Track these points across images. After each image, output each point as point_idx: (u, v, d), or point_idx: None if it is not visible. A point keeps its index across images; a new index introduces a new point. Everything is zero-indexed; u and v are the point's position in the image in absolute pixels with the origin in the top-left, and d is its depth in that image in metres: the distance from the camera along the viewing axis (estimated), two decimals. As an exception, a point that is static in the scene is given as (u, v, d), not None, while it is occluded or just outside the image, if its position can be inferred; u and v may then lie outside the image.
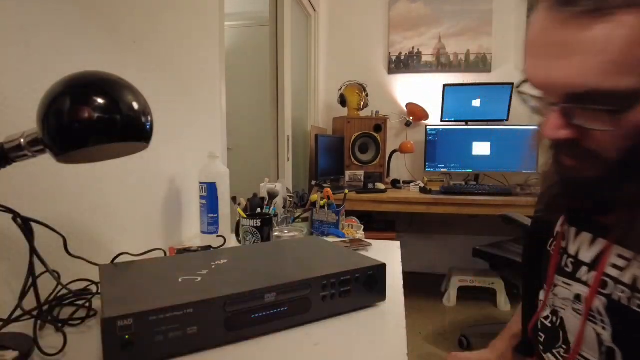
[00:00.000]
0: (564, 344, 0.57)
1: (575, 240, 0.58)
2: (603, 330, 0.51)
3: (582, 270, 0.55)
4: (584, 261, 0.55)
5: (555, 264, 0.60)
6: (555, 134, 0.45)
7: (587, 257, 0.55)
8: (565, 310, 0.57)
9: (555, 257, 0.60)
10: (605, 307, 0.51)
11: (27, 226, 0.56)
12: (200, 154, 1.25)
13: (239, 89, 3.10)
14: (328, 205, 1.24)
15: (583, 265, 0.55)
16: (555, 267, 0.60)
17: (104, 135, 0.47)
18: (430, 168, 2.86)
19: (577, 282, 0.56)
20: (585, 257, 0.55)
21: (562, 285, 0.58)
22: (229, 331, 0.56)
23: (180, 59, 1.13)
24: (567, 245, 0.59)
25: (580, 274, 0.55)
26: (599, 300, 0.51)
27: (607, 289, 0.51)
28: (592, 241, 0.55)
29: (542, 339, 0.61)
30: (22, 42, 0.64)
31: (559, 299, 0.59)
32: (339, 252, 0.79)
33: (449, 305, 2.68)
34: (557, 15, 0.41)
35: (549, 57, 0.42)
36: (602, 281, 0.51)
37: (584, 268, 0.55)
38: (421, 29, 3.07)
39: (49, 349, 0.53)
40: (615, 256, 0.51)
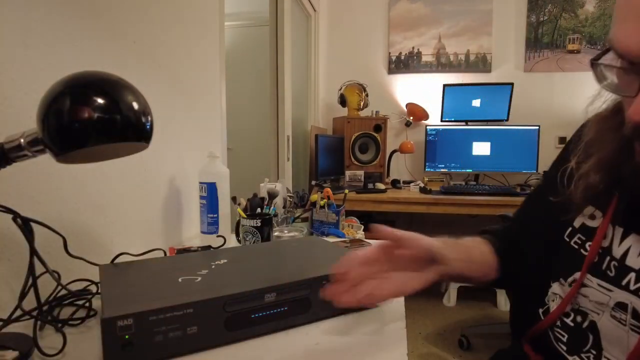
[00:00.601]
0: (594, 348, 0.52)
1: (623, 242, 0.51)
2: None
3: (630, 277, 0.49)
4: (633, 267, 0.49)
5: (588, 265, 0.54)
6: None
7: (637, 264, 0.49)
8: (600, 315, 0.52)
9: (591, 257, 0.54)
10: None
11: (27, 226, 0.56)
12: (200, 154, 1.25)
13: (239, 89, 3.10)
14: (328, 205, 1.24)
15: (631, 271, 0.49)
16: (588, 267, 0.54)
17: (104, 135, 0.47)
18: (430, 168, 2.86)
19: (623, 290, 0.50)
20: (634, 263, 0.49)
21: (597, 288, 0.53)
22: (229, 331, 0.56)
23: (180, 59, 1.13)
24: (611, 246, 0.52)
25: (627, 282, 0.49)
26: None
27: None
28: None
29: (565, 339, 0.56)
30: (22, 42, 0.64)
31: (590, 302, 0.53)
32: (339, 252, 0.79)
33: (449, 305, 2.68)
34: None
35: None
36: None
37: (632, 274, 0.49)
38: (421, 29, 3.07)
39: (49, 349, 0.53)
40: None
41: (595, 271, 0.53)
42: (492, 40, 2.97)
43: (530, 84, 2.94)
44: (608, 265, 0.52)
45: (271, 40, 2.16)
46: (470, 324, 2.43)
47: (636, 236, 0.50)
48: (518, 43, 2.95)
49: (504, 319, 2.52)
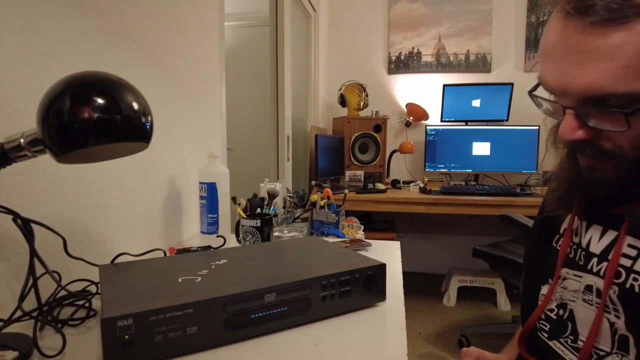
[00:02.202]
0: (572, 334, 0.58)
1: (586, 234, 0.59)
2: (616, 318, 0.52)
3: (592, 261, 0.57)
4: (595, 253, 0.56)
5: (563, 258, 0.61)
6: (572, 135, 0.47)
7: (598, 249, 0.56)
8: (575, 302, 0.58)
9: (564, 251, 0.61)
10: (618, 295, 0.52)
11: (28, 227, 0.56)
12: (200, 154, 1.25)
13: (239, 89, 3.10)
14: (328, 206, 1.24)
15: (594, 256, 0.56)
16: (563, 260, 0.61)
17: (104, 135, 0.47)
18: (430, 168, 2.86)
19: (588, 273, 0.57)
20: (595, 248, 0.57)
21: (572, 277, 0.59)
22: (229, 331, 0.56)
23: (180, 59, 1.13)
24: (580, 240, 0.60)
25: (591, 265, 0.57)
26: (611, 289, 0.53)
27: (620, 278, 0.52)
28: (603, 233, 0.56)
29: (547, 328, 0.62)
30: (22, 42, 0.64)
31: (569, 292, 0.60)
32: (339, 252, 0.79)
33: (449, 305, 2.68)
34: (574, 23, 0.43)
35: (567, 63, 0.44)
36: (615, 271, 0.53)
37: (594, 259, 0.56)
38: (421, 29, 3.07)
39: (49, 350, 0.53)
40: (627, 246, 0.52)
41: (571, 264, 0.60)
42: (492, 40, 2.97)
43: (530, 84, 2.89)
44: (579, 256, 0.59)
45: (271, 40, 2.16)
46: (470, 324, 2.43)
47: (596, 226, 0.58)
48: (518, 43, 2.95)
49: (504, 319, 2.52)
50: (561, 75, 0.45)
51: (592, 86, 0.43)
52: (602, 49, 0.41)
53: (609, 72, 0.42)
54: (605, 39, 0.41)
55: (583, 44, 0.43)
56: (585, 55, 0.43)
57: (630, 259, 0.51)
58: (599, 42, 0.41)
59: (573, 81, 0.44)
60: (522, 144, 2.74)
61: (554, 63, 0.46)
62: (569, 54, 0.44)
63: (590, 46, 0.42)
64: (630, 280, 0.51)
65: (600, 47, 0.42)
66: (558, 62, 0.46)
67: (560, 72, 0.46)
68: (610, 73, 0.42)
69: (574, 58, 0.44)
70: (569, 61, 0.44)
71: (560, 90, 0.47)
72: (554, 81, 0.47)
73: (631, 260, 0.51)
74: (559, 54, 0.45)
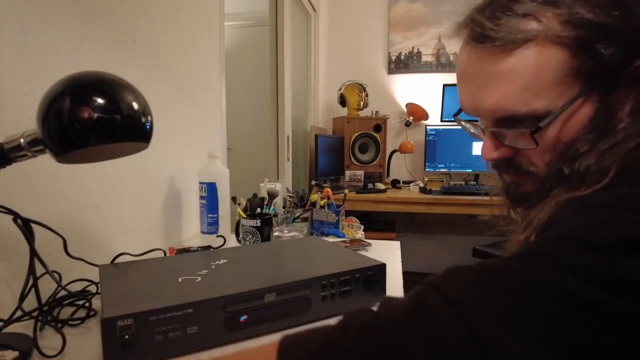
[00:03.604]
0: None
1: None
2: None
3: None
4: None
5: None
6: (490, 154, 0.51)
7: None
8: None
9: None
10: None
11: (28, 227, 0.56)
12: (200, 154, 1.25)
13: (239, 89, 3.10)
14: (328, 205, 1.24)
15: None
16: None
17: (104, 135, 0.47)
18: (430, 168, 2.86)
19: None
20: None
21: None
22: (229, 331, 0.56)
23: (180, 58, 1.13)
24: None
25: None
26: None
27: None
28: None
29: None
30: (22, 42, 0.64)
31: None
32: (339, 252, 0.79)
33: (449, 305, 2.68)
34: (475, 50, 0.47)
35: (474, 87, 0.48)
36: None
37: None
38: (421, 29, 3.07)
39: (49, 350, 0.53)
40: None
41: None
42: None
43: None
44: None
45: (271, 40, 2.16)
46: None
47: None
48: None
49: (504, 319, 2.51)
50: (471, 98, 0.49)
51: (498, 107, 0.46)
52: (500, 73, 0.45)
53: (509, 93, 0.45)
54: (501, 63, 0.45)
55: (484, 68, 0.46)
56: (488, 79, 0.46)
57: None
58: (496, 66, 0.45)
59: (482, 103, 0.48)
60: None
61: (465, 87, 0.50)
62: (475, 78, 0.48)
63: (490, 70, 0.46)
64: None
65: (498, 71, 0.45)
66: (468, 86, 0.49)
67: (470, 96, 0.49)
68: (510, 94, 0.45)
69: (479, 82, 0.47)
70: (476, 85, 0.48)
71: (474, 112, 0.50)
72: (467, 104, 0.50)
73: None
74: (468, 79, 0.49)
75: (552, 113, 0.44)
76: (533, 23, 0.43)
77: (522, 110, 0.45)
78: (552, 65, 0.43)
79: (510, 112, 0.46)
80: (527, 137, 0.46)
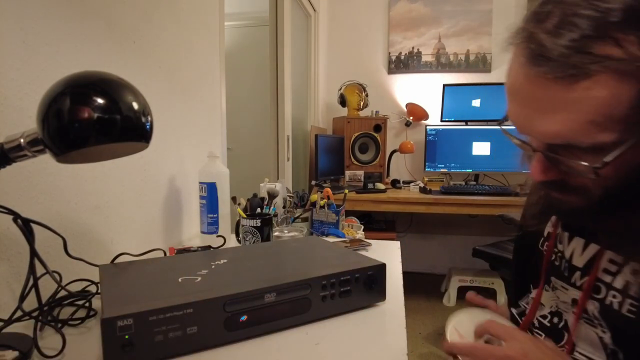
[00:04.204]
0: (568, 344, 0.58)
1: (569, 245, 0.58)
2: (603, 333, 0.52)
3: (576, 275, 0.56)
4: (577, 266, 0.56)
5: (547, 264, 0.61)
6: (539, 177, 0.47)
7: (580, 262, 0.56)
8: (568, 313, 0.58)
9: (547, 257, 0.61)
10: (599, 311, 0.52)
11: (28, 227, 0.56)
12: (200, 154, 1.25)
13: (239, 89, 3.10)
14: (328, 205, 1.24)
15: (577, 270, 0.56)
16: (547, 266, 0.61)
17: (104, 135, 0.47)
18: (430, 168, 2.86)
19: (572, 287, 0.56)
20: (578, 262, 0.56)
21: (560, 289, 0.59)
22: (228, 331, 0.56)
23: (180, 59, 1.13)
24: (564, 249, 0.59)
25: (574, 279, 0.56)
26: (593, 305, 0.52)
27: (600, 293, 0.52)
28: (585, 246, 0.55)
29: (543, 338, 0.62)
30: (22, 42, 0.64)
31: (561, 302, 0.59)
32: (339, 252, 0.79)
33: (449, 305, 2.68)
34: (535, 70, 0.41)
35: (530, 109, 0.43)
36: (596, 286, 0.52)
37: (577, 273, 0.56)
38: (421, 29, 3.07)
39: (49, 350, 0.53)
40: (607, 261, 0.51)
41: (558, 274, 0.60)
42: (492, 40, 2.97)
43: (530, 84, 2.94)
44: (564, 266, 0.58)
45: (271, 40, 2.16)
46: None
47: (578, 239, 0.57)
48: (518, 43, 2.95)
49: (504, 319, 2.52)
50: (525, 120, 0.45)
51: (556, 136, 0.42)
52: (563, 102, 0.40)
53: (571, 124, 0.40)
54: (566, 92, 0.39)
55: (544, 94, 0.41)
56: (548, 106, 0.41)
57: (611, 275, 0.50)
58: (559, 94, 0.40)
59: (537, 128, 0.43)
60: (522, 144, 2.74)
61: (517, 105, 0.45)
62: (532, 101, 0.43)
63: (551, 97, 0.40)
64: (610, 297, 0.50)
65: (560, 99, 0.40)
66: (522, 105, 0.44)
67: (524, 117, 0.45)
68: (573, 126, 0.40)
69: (537, 106, 0.42)
70: (532, 108, 0.43)
71: (525, 132, 0.47)
72: (519, 124, 0.46)
73: (611, 276, 0.50)
74: (523, 99, 0.44)
75: (619, 147, 0.40)
76: (611, 49, 0.37)
77: (585, 142, 0.41)
78: (627, 100, 0.38)
79: (571, 142, 0.42)
80: (587, 167, 0.42)
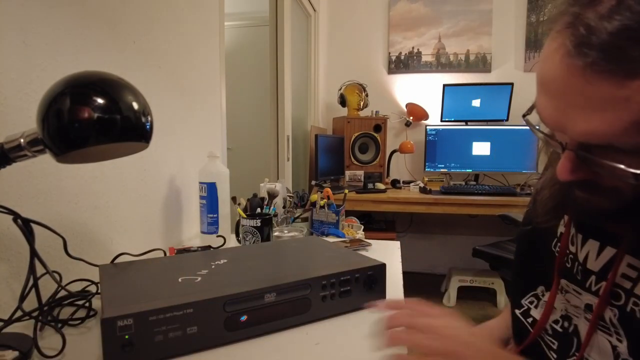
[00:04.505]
0: (578, 351, 0.55)
1: (583, 248, 0.55)
2: (619, 342, 0.49)
3: (591, 279, 0.53)
4: (593, 270, 0.53)
5: (559, 265, 0.58)
6: (567, 176, 0.43)
7: (596, 266, 0.53)
8: (579, 318, 0.55)
9: (560, 259, 0.58)
10: (618, 318, 0.49)
11: (28, 227, 0.56)
12: (200, 154, 1.25)
13: (239, 89, 3.10)
14: (328, 205, 1.24)
15: (592, 274, 0.53)
16: (559, 268, 0.58)
17: (103, 135, 0.47)
18: (430, 168, 2.86)
19: (587, 292, 0.54)
20: (593, 266, 0.53)
21: (573, 292, 0.56)
22: (228, 331, 0.56)
23: (180, 59, 1.13)
24: (577, 251, 0.56)
25: (589, 284, 0.53)
26: (611, 312, 0.50)
27: (620, 300, 0.49)
28: (600, 249, 0.53)
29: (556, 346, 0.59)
30: (22, 42, 0.64)
31: (572, 306, 0.57)
32: (339, 252, 0.79)
33: (449, 305, 2.68)
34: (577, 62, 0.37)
35: (567, 104, 0.40)
36: (614, 292, 0.49)
37: (592, 277, 0.53)
38: (421, 29, 3.07)
39: (49, 350, 0.53)
40: (626, 266, 0.48)
41: (569, 276, 0.57)
42: (492, 40, 2.97)
43: (530, 84, 2.94)
44: (577, 269, 0.56)
45: (271, 40, 2.16)
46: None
47: (593, 241, 0.54)
48: (518, 43, 2.95)
49: (504, 319, 2.52)
50: (559, 115, 0.41)
51: (594, 133, 0.38)
52: (609, 99, 0.36)
53: (615, 123, 0.37)
54: (618, 89, 0.35)
55: (588, 89, 0.37)
56: (589, 102, 0.38)
57: (630, 281, 0.48)
58: (610, 91, 0.36)
59: (573, 124, 0.40)
60: (522, 144, 2.74)
61: (551, 99, 0.41)
62: (570, 95, 0.39)
63: (596, 93, 0.37)
64: (631, 304, 0.47)
65: (607, 96, 0.36)
66: (556, 99, 0.41)
67: (558, 111, 0.41)
68: (616, 125, 0.37)
69: (576, 101, 0.39)
70: (570, 103, 0.39)
71: (556, 128, 0.43)
72: (550, 118, 0.43)
73: (631, 282, 0.47)
74: (558, 92, 0.40)
75: None
76: None
77: (627, 143, 0.37)
78: None
79: (610, 142, 0.38)
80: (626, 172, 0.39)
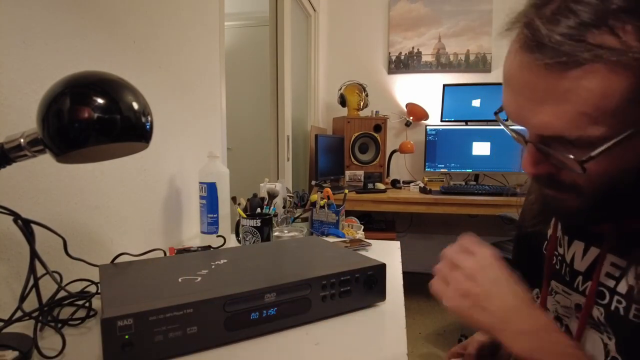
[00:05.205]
0: None
1: (569, 249, 0.57)
2: (609, 340, 0.50)
3: (578, 279, 0.55)
4: (580, 270, 0.55)
5: (548, 268, 0.60)
6: (529, 169, 0.47)
7: (582, 267, 0.55)
8: (570, 318, 0.57)
9: (549, 261, 0.60)
10: (604, 317, 0.50)
11: (28, 228, 0.56)
12: (200, 154, 1.25)
13: (239, 89, 3.10)
14: (328, 205, 1.24)
15: (579, 274, 0.55)
16: (548, 271, 0.60)
17: (104, 135, 0.47)
18: (430, 168, 2.86)
19: (576, 292, 0.55)
20: (580, 266, 0.55)
21: (562, 293, 0.58)
22: (228, 331, 0.56)
23: (180, 59, 1.13)
24: (564, 252, 0.58)
25: (577, 284, 0.55)
26: (598, 310, 0.51)
27: (605, 299, 0.50)
28: (585, 250, 0.54)
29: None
30: (22, 42, 0.64)
31: (561, 307, 0.58)
32: (339, 252, 0.79)
33: (449, 305, 2.68)
34: (528, 58, 0.40)
35: (523, 98, 0.43)
36: (599, 291, 0.51)
37: (579, 277, 0.55)
38: (421, 29, 3.07)
39: (49, 350, 0.53)
40: (609, 265, 0.50)
41: (558, 278, 0.59)
42: (492, 40, 2.97)
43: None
44: (565, 270, 0.57)
45: (271, 40, 2.16)
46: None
47: (578, 242, 0.56)
48: (518, 43, 2.95)
49: (504, 319, 2.52)
50: (518, 109, 0.44)
51: (547, 127, 0.41)
52: (554, 92, 0.39)
53: (562, 115, 0.40)
54: (557, 81, 0.38)
55: (536, 82, 0.40)
56: (539, 95, 0.41)
57: (614, 279, 0.49)
58: (551, 83, 0.39)
59: (529, 117, 0.43)
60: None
61: (511, 94, 0.45)
62: (524, 90, 0.42)
63: (543, 86, 0.40)
64: (615, 302, 0.49)
65: (552, 89, 0.39)
66: (515, 94, 0.44)
67: (517, 106, 0.44)
68: (563, 117, 0.40)
69: (529, 94, 0.42)
70: (525, 97, 0.43)
71: (518, 122, 0.46)
72: (513, 113, 0.46)
73: (614, 280, 0.49)
74: (516, 87, 0.44)
75: (607, 142, 0.39)
76: (607, 38, 0.36)
77: (574, 134, 0.40)
78: (618, 92, 0.37)
79: (560, 134, 0.41)
80: (573, 161, 0.41)
